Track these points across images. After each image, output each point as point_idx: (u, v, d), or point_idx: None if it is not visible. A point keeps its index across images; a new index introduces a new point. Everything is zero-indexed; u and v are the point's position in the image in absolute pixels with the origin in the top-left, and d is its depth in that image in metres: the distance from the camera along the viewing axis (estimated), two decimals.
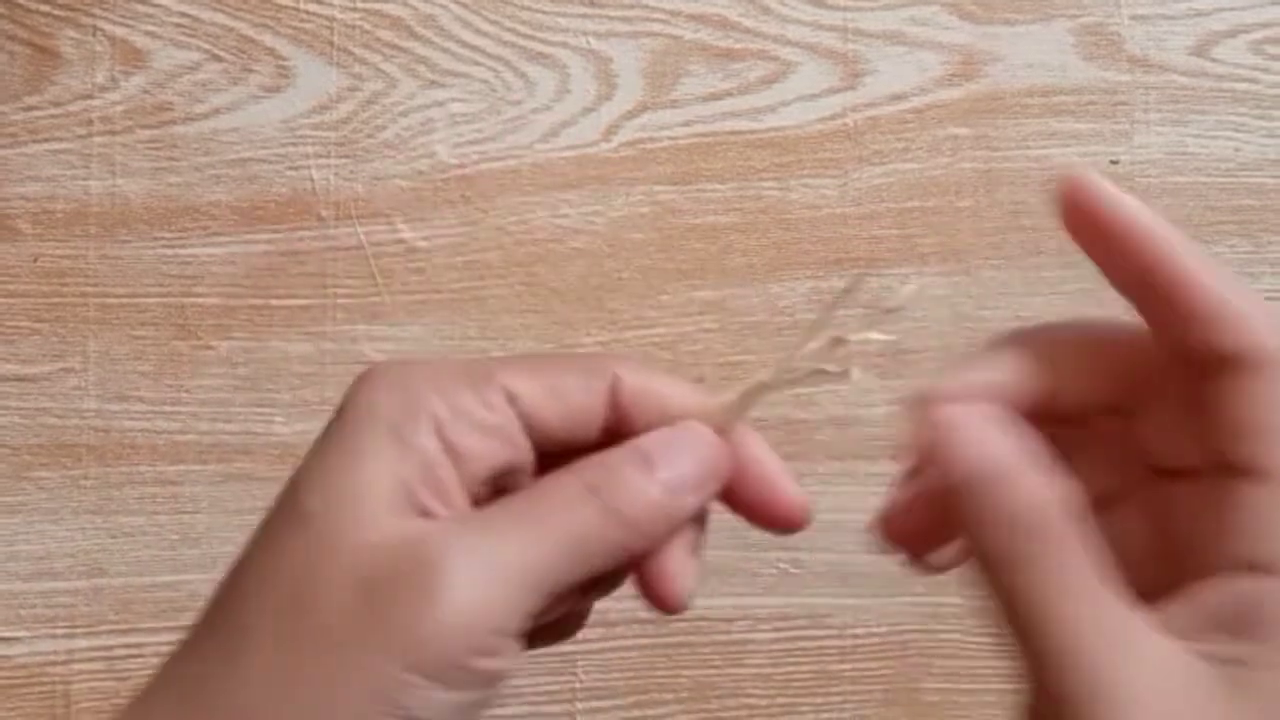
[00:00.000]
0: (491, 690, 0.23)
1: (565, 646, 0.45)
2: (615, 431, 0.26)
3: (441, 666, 0.22)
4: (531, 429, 0.26)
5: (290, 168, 0.45)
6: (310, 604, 0.23)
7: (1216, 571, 0.22)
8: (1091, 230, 0.25)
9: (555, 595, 0.24)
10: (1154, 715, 0.21)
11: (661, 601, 0.27)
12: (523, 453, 0.26)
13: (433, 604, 0.22)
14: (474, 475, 0.25)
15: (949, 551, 0.26)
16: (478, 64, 0.45)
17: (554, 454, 0.27)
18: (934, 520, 0.25)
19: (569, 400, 0.26)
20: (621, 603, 0.44)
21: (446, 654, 0.22)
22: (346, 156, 0.45)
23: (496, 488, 0.26)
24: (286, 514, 0.24)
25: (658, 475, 0.25)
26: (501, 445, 0.25)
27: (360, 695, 0.22)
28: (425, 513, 0.24)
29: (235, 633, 0.23)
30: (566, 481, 0.25)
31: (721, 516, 0.45)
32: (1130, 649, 0.21)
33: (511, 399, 0.25)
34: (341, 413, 0.25)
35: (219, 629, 0.24)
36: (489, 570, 0.23)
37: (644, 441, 0.26)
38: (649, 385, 0.26)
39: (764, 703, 0.45)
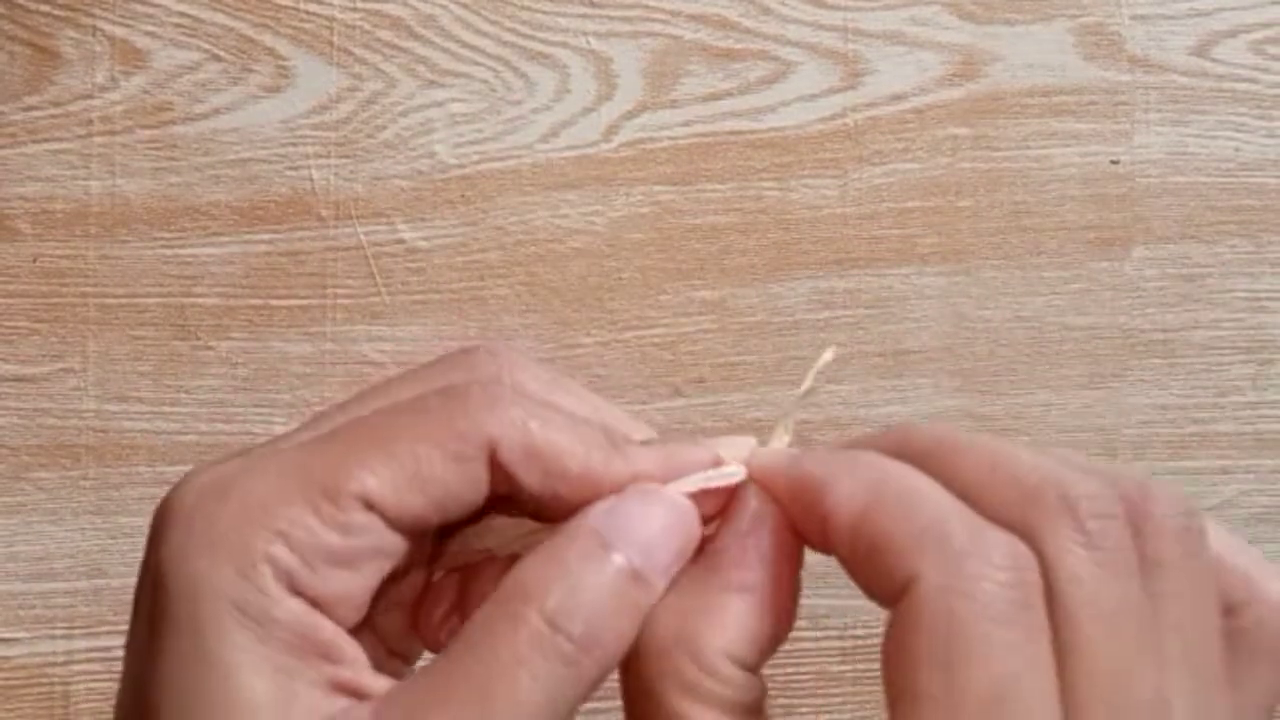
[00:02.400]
0: None
1: None
2: (507, 492, 0.22)
3: None
4: (401, 527, 0.21)
5: (290, 168, 0.45)
6: None
7: None
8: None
9: None
10: None
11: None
12: (399, 552, 0.21)
13: None
14: (354, 609, 0.21)
15: None
16: (478, 64, 0.45)
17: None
18: None
19: (438, 488, 0.21)
20: None
21: None
22: (346, 156, 0.45)
23: (380, 599, 0.22)
24: None
25: (627, 568, 0.20)
26: (374, 565, 0.21)
27: None
28: (326, 691, 0.20)
29: None
30: (514, 628, 0.19)
31: None
32: None
33: (368, 505, 0.20)
34: (160, 594, 0.20)
35: None
36: None
37: (593, 521, 0.21)
38: (543, 449, 0.21)
39: None
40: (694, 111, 0.45)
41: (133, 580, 0.44)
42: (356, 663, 0.20)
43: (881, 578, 0.20)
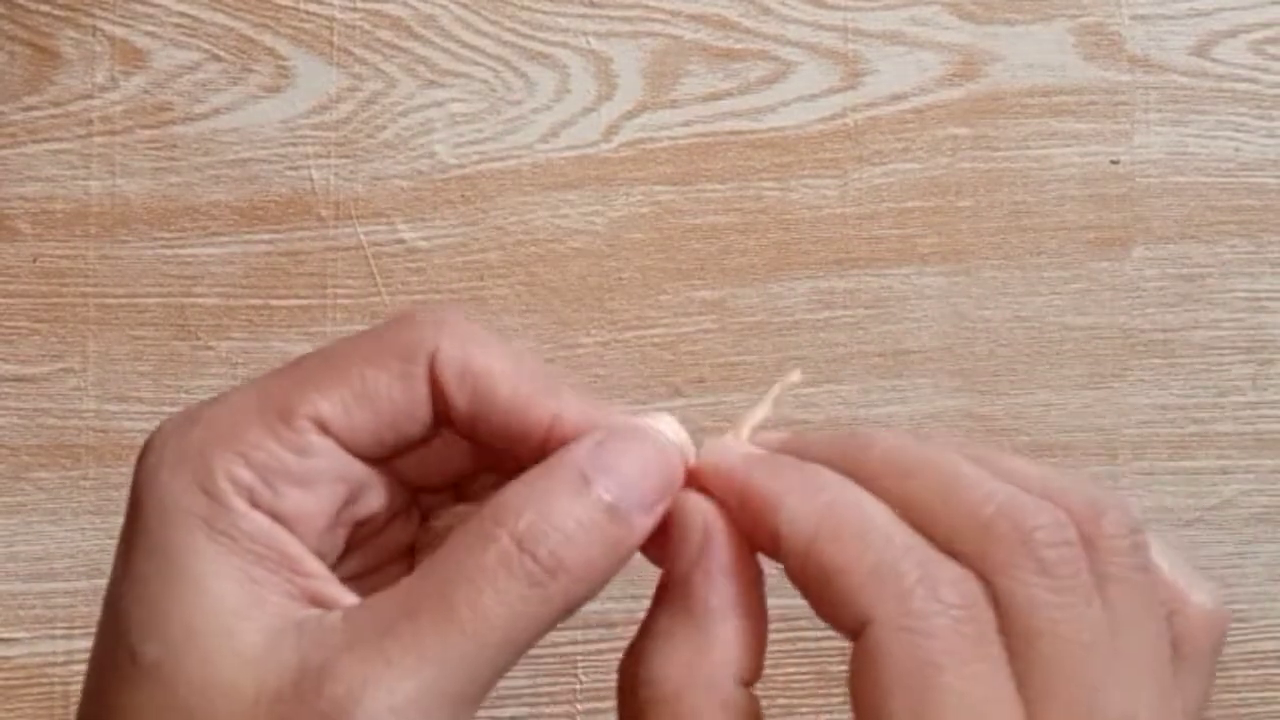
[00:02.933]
0: None
1: (565, 648, 0.45)
2: (457, 415, 0.22)
3: None
4: (355, 449, 0.21)
5: (290, 168, 0.45)
6: None
7: None
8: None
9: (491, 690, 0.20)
10: None
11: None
12: (358, 481, 0.22)
13: None
14: (315, 531, 0.21)
15: None
16: (478, 64, 0.45)
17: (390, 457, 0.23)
18: None
19: (385, 405, 0.21)
20: (622, 604, 0.44)
21: None
22: (346, 156, 0.45)
23: (344, 524, 0.22)
24: (122, 668, 0.20)
25: (605, 500, 0.20)
26: (330, 487, 0.21)
27: None
28: (294, 600, 0.20)
29: None
30: (488, 558, 0.20)
31: None
32: None
33: (323, 427, 0.21)
34: (135, 514, 0.21)
35: None
36: (416, 702, 0.19)
37: (577, 456, 0.21)
38: (478, 370, 0.21)
39: (764, 704, 0.45)
40: (694, 111, 0.45)
41: None
42: (324, 577, 0.21)
43: (835, 609, 0.20)
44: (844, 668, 0.44)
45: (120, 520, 0.44)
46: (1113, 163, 0.45)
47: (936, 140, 0.45)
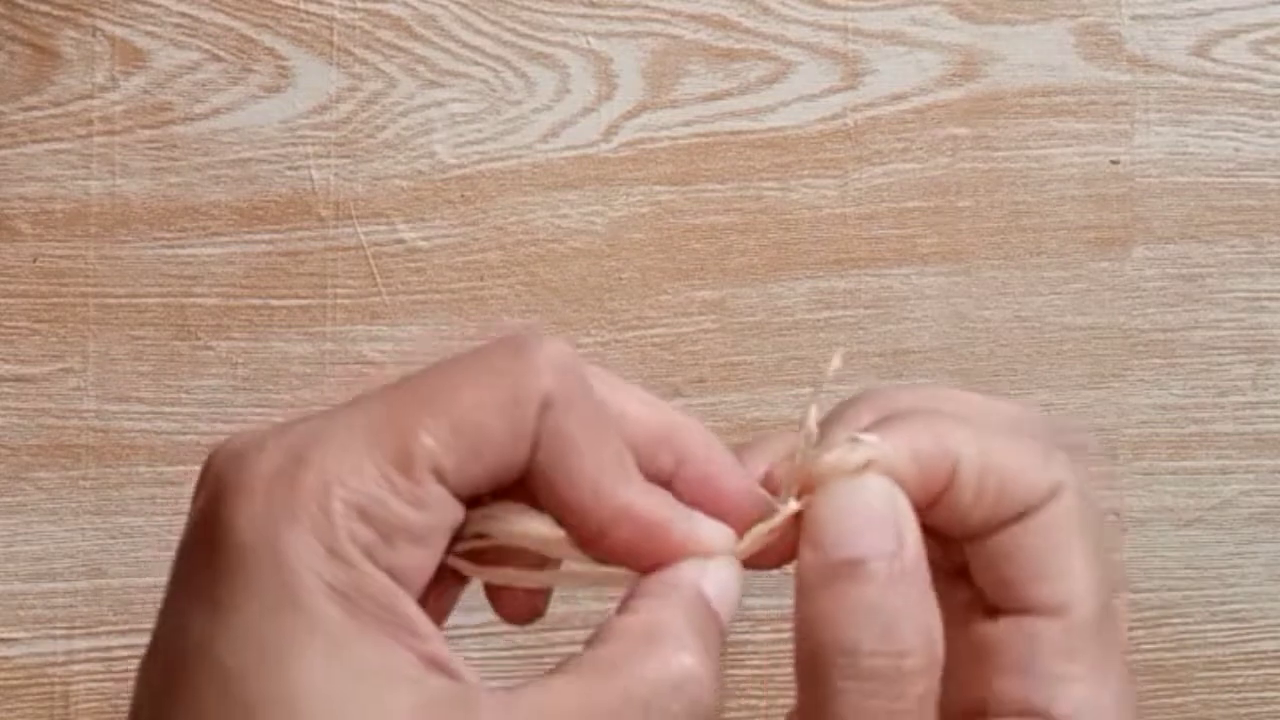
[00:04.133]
0: None
1: (565, 648, 0.45)
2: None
3: None
4: (462, 495, 0.21)
5: (290, 168, 0.45)
6: None
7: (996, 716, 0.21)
8: None
9: None
10: None
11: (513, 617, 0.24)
12: (460, 521, 0.21)
13: None
14: (422, 585, 0.20)
15: None
16: (478, 64, 0.45)
17: None
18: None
19: (493, 457, 0.20)
20: None
21: None
22: (346, 156, 0.45)
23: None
24: (236, 713, 0.19)
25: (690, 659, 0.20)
26: (440, 537, 0.20)
27: None
28: (427, 657, 0.19)
29: None
30: (657, 667, 0.20)
31: None
32: None
33: (440, 476, 0.20)
34: (226, 537, 0.19)
35: None
36: None
37: (703, 585, 0.21)
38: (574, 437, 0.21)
39: (764, 704, 0.45)
40: (694, 111, 0.45)
41: (132, 580, 0.44)
42: (438, 639, 0.20)
43: (1012, 500, 0.21)
44: None
45: (121, 519, 0.44)
46: (1113, 163, 0.45)
47: (936, 140, 0.45)
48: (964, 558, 0.23)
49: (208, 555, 0.19)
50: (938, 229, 0.45)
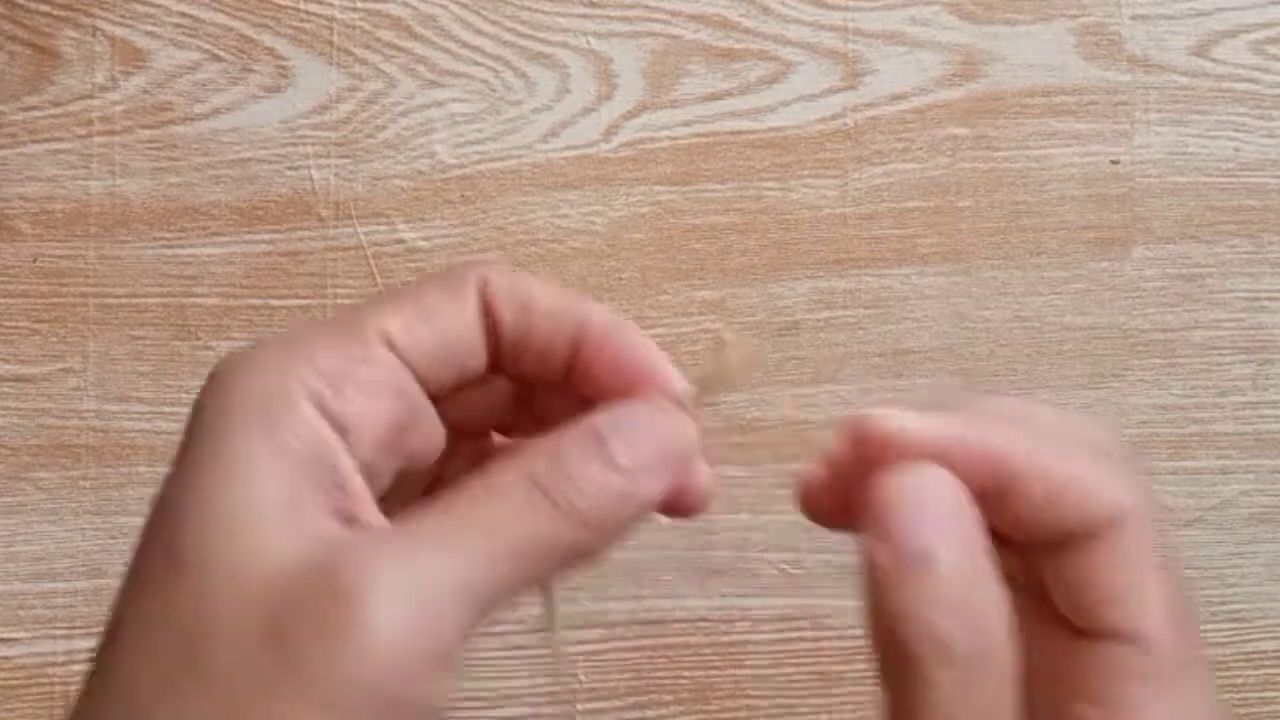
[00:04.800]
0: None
1: (566, 647, 0.45)
2: (507, 361, 0.24)
3: (370, 707, 0.19)
4: (418, 372, 0.23)
5: (290, 168, 0.45)
6: (205, 660, 0.19)
7: None
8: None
9: (499, 606, 0.21)
10: None
11: (684, 510, 0.24)
12: (416, 406, 0.23)
13: (353, 640, 0.19)
14: (371, 445, 0.22)
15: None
16: (477, 64, 0.45)
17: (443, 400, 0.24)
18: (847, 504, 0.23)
19: (441, 322, 0.23)
20: (623, 603, 0.44)
21: (376, 692, 0.19)
22: (346, 156, 0.45)
23: (395, 452, 0.23)
24: (160, 554, 0.21)
25: (616, 460, 0.22)
26: (392, 401, 0.22)
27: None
28: (331, 517, 0.21)
29: (119, 699, 0.20)
30: (508, 478, 0.21)
31: (717, 517, 0.45)
32: None
33: (390, 343, 0.23)
34: (197, 416, 0.22)
35: (101, 696, 0.20)
36: (418, 592, 0.20)
37: (597, 421, 0.22)
38: (522, 288, 0.24)
39: (764, 704, 0.45)
40: (694, 111, 0.45)
41: None
42: (364, 500, 0.21)
43: (1084, 512, 0.21)
44: (842, 667, 0.45)
45: (121, 519, 0.44)
46: (1113, 163, 0.45)
47: (936, 140, 0.45)
48: (1042, 574, 0.23)
49: (190, 423, 0.22)
50: (938, 229, 0.45)
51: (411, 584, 0.20)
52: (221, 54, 0.45)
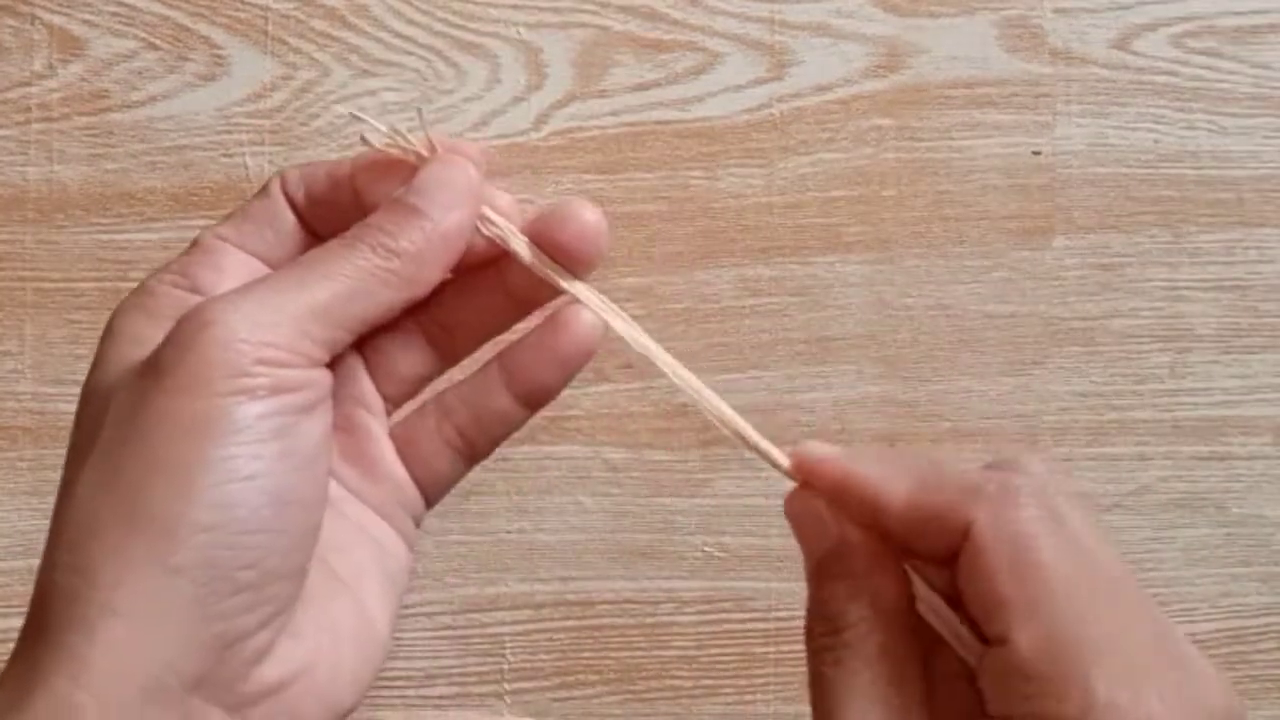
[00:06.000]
0: (299, 399, 0.24)
1: (493, 628, 0.45)
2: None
3: (236, 375, 0.23)
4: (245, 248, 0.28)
5: (225, 155, 0.46)
6: (109, 418, 0.24)
7: None
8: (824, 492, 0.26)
9: (348, 329, 0.25)
10: None
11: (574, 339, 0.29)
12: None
13: (216, 337, 0.23)
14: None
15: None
16: (409, 53, 0.46)
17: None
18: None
19: (255, 215, 0.28)
20: (549, 585, 0.45)
21: (239, 364, 0.23)
22: (280, 144, 0.46)
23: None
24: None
25: (409, 201, 0.26)
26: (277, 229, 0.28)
27: (187, 424, 0.23)
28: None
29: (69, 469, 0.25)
30: (336, 239, 0.26)
31: (643, 501, 0.45)
32: None
33: (221, 238, 0.28)
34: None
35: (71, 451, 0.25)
36: (265, 305, 0.24)
37: (400, 191, 0.27)
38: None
39: (689, 684, 0.45)
40: (623, 101, 0.46)
41: None
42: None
43: (939, 535, 0.24)
44: (768, 649, 0.45)
45: (54, 500, 0.45)
46: (1034, 154, 0.46)
47: (861, 131, 0.46)
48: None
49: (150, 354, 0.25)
50: (862, 218, 0.46)
51: (258, 302, 0.24)
52: (158, 42, 0.46)
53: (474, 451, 0.29)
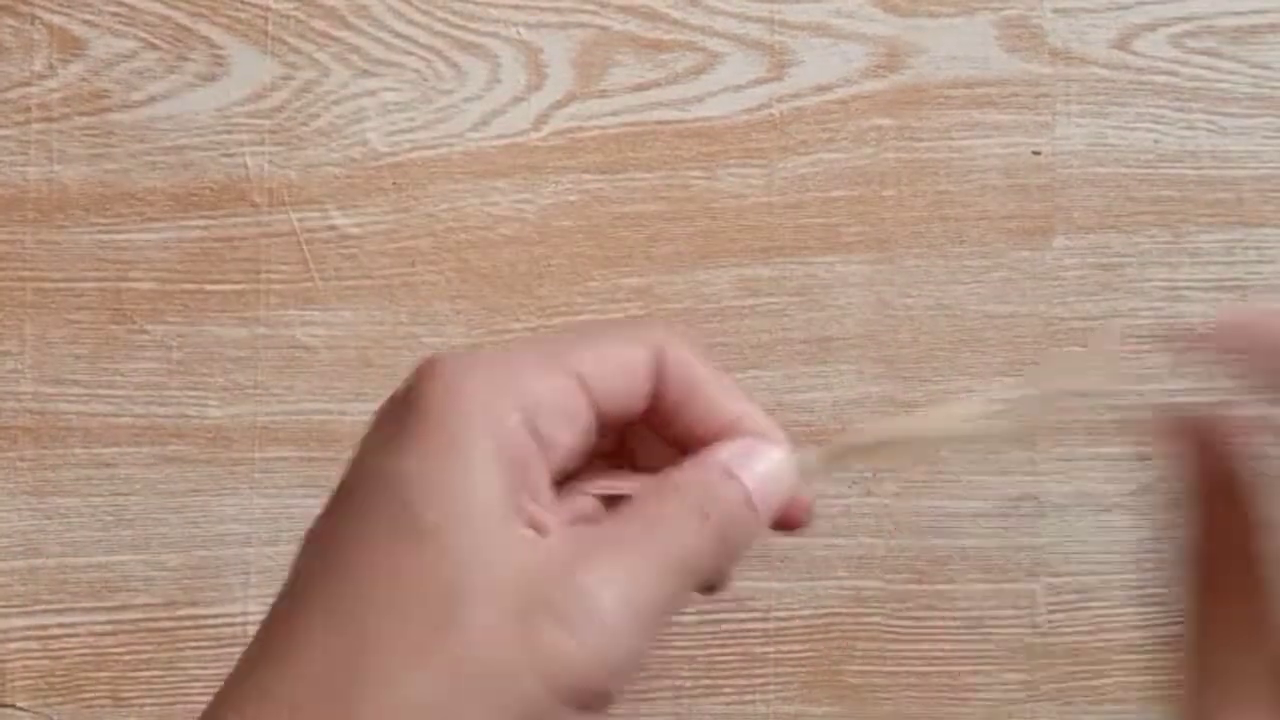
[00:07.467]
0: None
1: None
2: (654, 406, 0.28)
3: (585, 694, 0.23)
4: (599, 413, 0.26)
5: (225, 155, 0.46)
6: (457, 625, 0.22)
7: None
8: None
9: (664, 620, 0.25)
10: None
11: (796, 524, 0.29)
12: (591, 431, 0.26)
13: (584, 634, 0.23)
14: (558, 468, 0.26)
15: None
16: (410, 53, 0.46)
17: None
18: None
19: (624, 376, 0.27)
20: None
21: (591, 682, 0.23)
22: (280, 144, 0.46)
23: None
24: (388, 517, 0.23)
25: (748, 491, 0.26)
26: (584, 434, 0.26)
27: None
28: (531, 520, 0.24)
29: (368, 644, 0.22)
30: (679, 507, 0.25)
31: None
32: None
33: (583, 385, 0.26)
34: (421, 402, 0.24)
35: (340, 632, 0.23)
36: (626, 605, 0.23)
37: (724, 455, 0.27)
38: (688, 363, 0.28)
39: (689, 684, 0.45)
40: (622, 101, 0.46)
41: (67, 560, 0.45)
42: (550, 508, 0.25)
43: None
44: (768, 649, 0.45)
45: (56, 500, 0.45)
46: (1034, 154, 0.46)
47: (861, 131, 0.46)
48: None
49: (400, 414, 0.24)
50: (862, 218, 0.46)
51: (621, 597, 0.24)
52: (158, 42, 0.46)
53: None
